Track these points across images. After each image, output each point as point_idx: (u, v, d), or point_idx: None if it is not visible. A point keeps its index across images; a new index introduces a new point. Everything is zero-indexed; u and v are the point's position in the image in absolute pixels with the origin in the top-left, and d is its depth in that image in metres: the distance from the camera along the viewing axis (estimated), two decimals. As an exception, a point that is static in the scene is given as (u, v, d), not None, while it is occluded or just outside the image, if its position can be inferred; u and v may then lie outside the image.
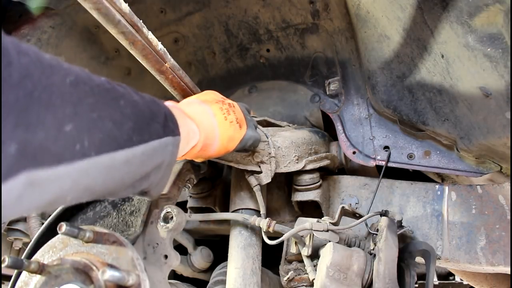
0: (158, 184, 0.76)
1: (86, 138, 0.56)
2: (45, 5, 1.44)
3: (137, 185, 0.72)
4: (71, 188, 0.57)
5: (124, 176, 0.66)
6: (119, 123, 0.62)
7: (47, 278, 0.78)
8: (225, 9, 1.43)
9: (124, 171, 0.65)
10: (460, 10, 0.84)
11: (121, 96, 0.65)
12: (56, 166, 0.53)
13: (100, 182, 0.61)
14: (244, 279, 1.10)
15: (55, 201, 0.57)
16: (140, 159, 0.67)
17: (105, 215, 1.00)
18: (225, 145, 0.96)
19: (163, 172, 0.75)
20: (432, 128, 1.15)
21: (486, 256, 1.10)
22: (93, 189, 0.61)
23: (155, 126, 0.70)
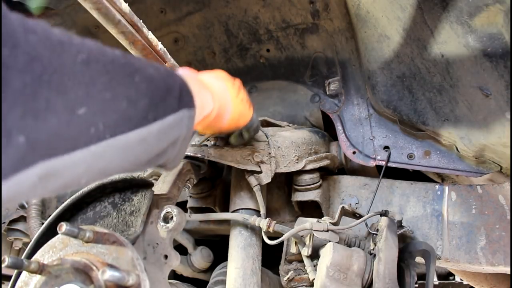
0: (174, 158, 0.75)
1: (100, 121, 0.53)
2: (45, 5, 1.44)
3: (153, 162, 0.70)
4: (86, 172, 0.55)
5: (139, 155, 0.64)
6: (134, 101, 0.59)
7: (47, 278, 0.78)
8: (225, 9, 1.43)
9: (140, 151, 0.63)
10: (460, 10, 0.84)
11: (136, 70, 0.61)
12: (70, 152, 0.50)
13: (116, 164, 0.60)
14: (244, 279, 1.10)
15: (68, 186, 0.55)
16: (156, 136, 0.64)
17: (105, 215, 1.00)
18: (236, 118, 0.97)
19: (180, 146, 0.74)
20: (432, 128, 1.15)
21: (486, 256, 1.10)
22: (108, 171, 0.60)
23: (170, 100, 0.68)
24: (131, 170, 0.67)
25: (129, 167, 0.65)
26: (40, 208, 1.58)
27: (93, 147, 0.53)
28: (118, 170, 0.63)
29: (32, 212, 1.55)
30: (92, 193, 1.00)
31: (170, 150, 0.72)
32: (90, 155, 0.53)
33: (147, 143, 0.63)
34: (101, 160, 0.56)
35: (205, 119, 0.87)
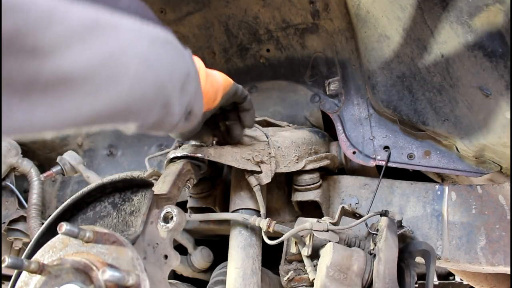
0: (195, 97, 0.77)
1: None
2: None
3: (182, 98, 0.71)
4: (130, 49, 0.55)
5: (169, 63, 0.65)
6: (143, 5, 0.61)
7: (47, 278, 0.78)
8: (225, 9, 1.43)
9: (167, 55, 0.64)
10: (460, 10, 0.84)
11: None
12: (112, 11, 0.52)
13: (154, 56, 0.60)
14: (244, 279, 1.10)
15: (119, 60, 0.54)
16: (174, 48, 0.67)
17: (105, 215, 1.00)
18: (223, 76, 0.99)
19: (195, 82, 0.75)
20: (432, 128, 1.15)
21: (486, 256, 1.10)
22: (151, 63, 0.60)
23: (161, 23, 0.70)
24: (168, 82, 0.66)
25: (167, 76, 0.65)
26: (40, 208, 1.58)
27: (128, 20, 0.55)
28: (159, 69, 0.62)
29: (32, 212, 1.55)
30: (92, 193, 1.00)
31: (188, 85, 0.72)
32: (129, 28, 0.55)
33: (171, 51, 0.66)
34: (140, 41, 0.57)
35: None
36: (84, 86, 0.51)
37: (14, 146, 1.59)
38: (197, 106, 0.78)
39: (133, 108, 0.61)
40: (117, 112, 0.58)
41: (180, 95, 0.70)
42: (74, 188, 1.78)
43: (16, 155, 1.58)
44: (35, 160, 1.64)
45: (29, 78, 0.45)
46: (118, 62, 0.54)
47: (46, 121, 0.49)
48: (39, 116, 0.48)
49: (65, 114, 0.51)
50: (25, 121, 0.47)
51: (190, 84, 0.73)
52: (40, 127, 0.49)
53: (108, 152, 1.77)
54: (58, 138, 1.74)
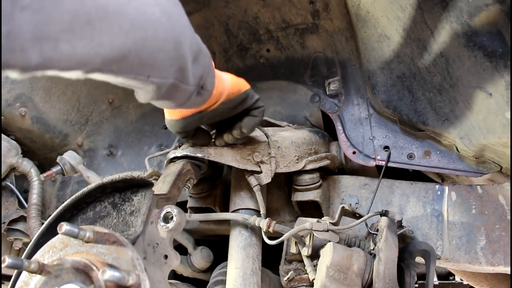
0: (208, 72, 0.81)
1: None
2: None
3: (195, 68, 0.75)
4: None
5: (184, 25, 0.72)
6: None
7: (47, 278, 0.78)
8: (225, 9, 1.43)
9: (183, 18, 0.71)
10: (460, 10, 0.84)
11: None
12: None
13: (172, 10, 0.68)
14: (244, 279, 1.10)
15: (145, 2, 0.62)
16: (186, 18, 0.73)
17: (105, 215, 1.00)
18: (236, 80, 1.00)
19: (207, 58, 0.80)
20: (432, 128, 1.15)
21: (486, 256, 1.10)
22: (170, 14, 0.67)
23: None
24: (184, 42, 0.71)
25: (182, 35, 0.71)
26: (40, 208, 1.57)
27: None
28: (176, 24, 0.69)
29: (32, 212, 1.55)
30: (92, 193, 1.00)
31: (201, 58, 0.78)
32: None
33: (184, 19, 0.73)
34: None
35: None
36: (119, 21, 0.58)
37: (14, 146, 1.59)
38: (209, 82, 0.81)
39: (156, 58, 0.67)
40: (144, 58, 0.64)
41: (194, 64, 0.74)
42: (74, 188, 1.78)
43: (16, 155, 1.58)
44: (35, 160, 1.64)
45: (74, 13, 0.52)
46: (143, 4, 0.61)
47: (87, 53, 0.56)
48: (81, 48, 0.54)
49: (102, 49, 0.57)
50: (69, 53, 0.54)
51: (203, 58, 0.78)
52: (80, 59, 0.56)
53: (108, 152, 1.77)
54: (58, 138, 1.74)
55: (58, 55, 0.53)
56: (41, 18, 0.49)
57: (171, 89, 0.75)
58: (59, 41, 0.52)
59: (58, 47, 0.52)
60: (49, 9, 0.50)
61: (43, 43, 0.50)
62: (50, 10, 0.50)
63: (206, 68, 0.80)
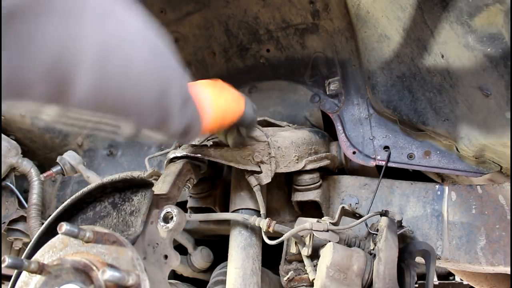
0: (196, 120, 0.80)
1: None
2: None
3: (181, 114, 0.74)
4: (141, 37, 0.63)
5: (172, 74, 0.71)
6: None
7: (47, 278, 0.78)
8: (225, 9, 1.43)
9: (170, 66, 0.71)
10: (460, 10, 0.84)
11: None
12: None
13: (160, 56, 0.67)
14: (244, 279, 1.10)
15: (132, 45, 0.60)
16: (174, 70, 0.73)
17: (105, 215, 1.00)
18: (220, 116, 0.97)
19: (194, 107, 0.79)
20: (432, 128, 1.15)
21: (486, 256, 1.10)
22: (158, 56, 0.67)
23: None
24: (169, 89, 0.70)
25: (168, 83, 0.70)
26: (40, 208, 1.57)
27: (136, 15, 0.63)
28: (164, 71, 0.69)
29: (32, 212, 1.55)
30: (92, 193, 1.00)
31: (190, 106, 0.78)
32: (138, 20, 0.64)
33: (172, 68, 0.73)
34: (150, 35, 0.66)
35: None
36: (103, 65, 0.56)
37: (14, 146, 1.59)
38: (195, 131, 0.79)
39: (137, 106, 0.65)
40: (125, 103, 0.62)
41: (180, 111, 0.72)
42: (74, 188, 1.78)
43: (16, 155, 1.58)
44: (35, 160, 1.64)
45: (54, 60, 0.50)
46: (131, 47, 0.60)
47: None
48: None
49: (81, 92, 0.55)
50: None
51: (192, 104, 0.76)
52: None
53: (108, 152, 1.77)
54: (58, 138, 1.74)
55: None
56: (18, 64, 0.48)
57: (152, 130, 0.75)
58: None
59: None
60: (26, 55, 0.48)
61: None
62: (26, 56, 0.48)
63: (194, 114, 0.78)
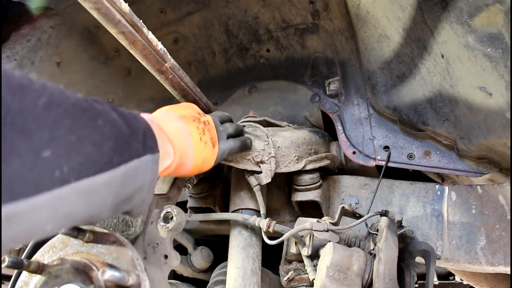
0: (141, 204, 0.74)
1: (65, 164, 0.53)
2: (45, 5, 1.44)
3: (120, 208, 0.69)
4: (50, 217, 0.53)
5: (105, 200, 0.62)
6: (99, 144, 0.59)
7: (47, 278, 0.78)
8: (225, 9, 1.43)
9: (106, 194, 0.61)
10: (460, 10, 0.84)
11: (99, 114, 0.61)
12: (33, 196, 0.49)
13: (81, 208, 0.58)
14: (244, 279, 1.10)
15: (33, 233, 0.53)
16: (121, 180, 0.63)
17: (105, 215, 1.00)
18: (199, 166, 0.96)
19: (146, 192, 0.73)
20: (432, 128, 1.15)
21: (486, 256, 1.10)
22: (74, 216, 0.58)
23: (135, 144, 0.68)
24: (97, 216, 0.64)
25: (95, 213, 0.62)
26: (40, 208, 1.57)
27: (56, 191, 0.52)
28: (84, 216, 0.60)
29: (32, 212, 1.55)
30: (92, 193, 1.00)
31: (137, 196, 0.71)
32: (54, 199, 0.52)
33: (112, 187, 0.62)
34: (65, 204, 0.54)
35: (166, 170, 0.87)
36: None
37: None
38: (138, 211, 0.76)
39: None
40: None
41: (115, 209, 0.67)
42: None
43: (16, 155, 1.57)
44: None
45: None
46: (29, 234, 0.53)
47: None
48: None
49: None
50: None
51: (139, 195, 0.71)
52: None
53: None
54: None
55: None
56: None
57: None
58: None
59: None
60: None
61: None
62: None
63: (139, 201, 0.73)
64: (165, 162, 0.85)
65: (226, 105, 1.58)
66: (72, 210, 0.56)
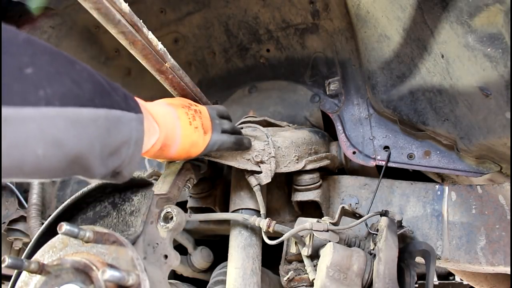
0: (129, 162, 0.75)
1: (48, 87, 0.57)
2: (45, 5, 1.44)
3: (109, 162, 0.70)
4: (39, 136, 0.56)
5: (93, 140, 0.64)
6: (78, 83, 0.62)
7: (47, 278, 0.78)
8: (225, 9, 1.43)
9: (93, 132, 0.64)
10: (460, 10, 0.84)
11: (76, 62, 0.66)
12: (21, 107, 0.53)
13: (70, 138, 0.60)
14: (244, 279, 1.10)
15: (25, 153, 0.55)
16: (106, 124, 0.66)
17: (105, 215, 1.00)
18: (186, 149, 0.96)
19: (133, 148, 0.74)
20: (432, 128, 1.15)
21: (486, 256, 1.10)
22: (64, 145, 0.60)
23: (116, 98, 0.70)
24: (87, 156, 0.65)
25: (85, 149, 0.64)
26: (40, 208, 1.58)
27: (43, 109, 0.56)
28: (74, 148, 0.62)
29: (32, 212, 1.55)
30: (92, 193, 1.00)
31: (124, 150, 0.72)
32: (41, 116, 0.55)
33: (98, 127, 0.65)
34: (53, 127, 0.57)
35: (151, 148, 0.87)
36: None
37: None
38: (128, 170, 0.76)
39: (42, 173, 0.62)
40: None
41: (105, 160, 0.69)
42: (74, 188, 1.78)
43: (16, 155, 1.57)
44: (35, 160, 1.64)
45: None
46: (22, 150, 0.55)
47: None
48: None
49: None
50: None
51: (126, 150, 0.72)
52: None
53: (108, 152, 1.77)
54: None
55: None
56: None
57: (69, 176, 0.71)
58: None
59: None
60: None
61: None
62: None
63: (128, 157, 0.74)
64: (151, 138, 0.86)
65: (226, 105, 1.58)
66: (61, 137, 0.59)
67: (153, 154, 0.91)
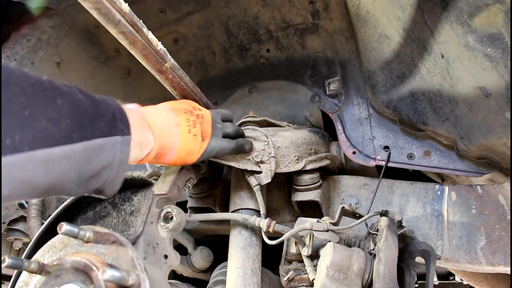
0: (112, 182, 0.77)
1: (17, 134, 0.59)
2: (45, 5, 1.44)
3: (89, 184, 0.73)
4: (6, 180, 0.59)
5: (67, 172, 0.67)
6: (55, 120, 0.64)
7: (47, 278, 0.78)
8: (225, 9, 1.43)
9: (66, 167, 0.66)
10: (460, 10, 0.84)
11: (60, 95, 0.67)
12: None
13: (40, 177, 0.63)
14: (244, 279, 1.10)
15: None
16: (83, 155, 0.68)
17: (105, 215, 1.00)
18: (182, 157, 0.97)
19: (116, 170, 0.76)
20: (432, 128, 1.15)
21: (486, 256, 1.10)
22: (32, 183, 0.62)
23: (100, 124, 0.72)
24: (61, 187, 0.68)
25: (58, 183, 0.67)
26: (40, 208, 1.58)
27: (9, 157, 0.58)
28: (45, 185, 0.65)
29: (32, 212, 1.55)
30: (92, 193, 1.00)
31: (106, 173, 0.74)
32: (7, 164, 0.58)
33: (74, 161, 0.67)
34: (20, 170, 0.60)
35: (145, 158, 0.90)
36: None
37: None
38: (110, 189, 0.78)
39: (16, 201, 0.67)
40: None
41: (84, 183, 0.72)
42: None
43: (16, 155, 1.57)
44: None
45: None
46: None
47: None
48: None
49: None
50: None
51: (107, 172, 0.75)
52: None
53: (108, 152, 1.77)
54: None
55: None
56: None
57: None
58: None
59: None
60: None
61: None
62: None
63: (110, 178, 0.76)
64: (144, 149, 0.88)
65: (226, 105, 1.58)
66: (30, 178, 0.62)
67: (148, 161, 0.93)
